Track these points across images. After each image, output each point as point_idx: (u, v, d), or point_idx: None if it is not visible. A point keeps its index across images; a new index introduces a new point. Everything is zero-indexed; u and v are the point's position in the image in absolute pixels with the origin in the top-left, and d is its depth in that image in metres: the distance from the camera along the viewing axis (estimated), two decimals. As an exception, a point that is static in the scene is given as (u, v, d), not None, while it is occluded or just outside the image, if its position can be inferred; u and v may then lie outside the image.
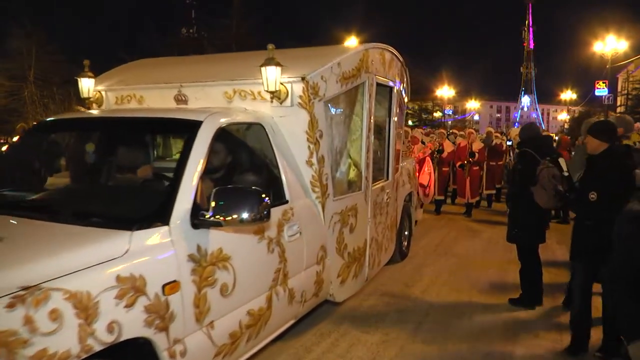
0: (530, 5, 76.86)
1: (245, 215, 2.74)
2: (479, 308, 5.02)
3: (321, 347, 4.09)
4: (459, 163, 10.78)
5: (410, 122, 46.80)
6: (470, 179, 10.65)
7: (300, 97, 3.77)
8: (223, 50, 34.96)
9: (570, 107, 57.47)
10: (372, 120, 4.72)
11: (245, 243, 3.17)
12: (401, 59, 5.67)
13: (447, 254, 7.25)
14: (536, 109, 77.62)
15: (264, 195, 2.82)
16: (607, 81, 38.55)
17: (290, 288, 3.63)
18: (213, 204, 2.76)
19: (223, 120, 3.39)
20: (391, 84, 5.39)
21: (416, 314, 4.78)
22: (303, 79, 3.72)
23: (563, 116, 60.34)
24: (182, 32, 39.23)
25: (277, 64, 3.64)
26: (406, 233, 7.02)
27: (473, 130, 11.51)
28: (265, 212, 2.81)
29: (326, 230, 4.10)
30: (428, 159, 9.46)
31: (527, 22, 78.46)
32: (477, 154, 10.57)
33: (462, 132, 12.68)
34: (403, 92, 6.11)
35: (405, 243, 6.96)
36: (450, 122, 52.94)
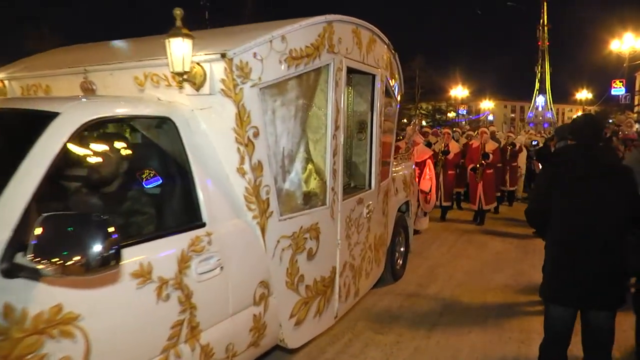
0: (545, 3, 73.94)
1: (80, 257, 1.64)
2: (493, 309, 4.80)
3: (335, 347, 3.92)
4: (470, 166, 9.44)
5: (424, 123, 45.35)
6: (484, 183, 9.26)
7: (223, 81, 2.62)
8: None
9: (585, 106, 55.07)
10: (340, 115, 3.54)
11: (110, 293, 2.04)
12: (387, 41, 4.47)
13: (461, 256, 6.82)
14: (551, 109, 74.69)
15: (111, 229, 1.70)
16: (624, 80, 36.75)
17: (205, 344, 2.50)
18: (36, 233, 1.67)
19: (97, 113, 2.27)
20: (373, 70, 4.20)
21: (430, 315, 4.61)
22: (223, 56, 2.57)
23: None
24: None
25: (186, 36, 2.50)
26: (402, 249, 5.82)
27: (486, 130, 10.03)
28: (112, 252, 1.70)
29: (269, 260, 2.95)
30: (429, 162, 8.15)
31: (542, 20, 75.43)
32: (491, 155, 9.20)
33: (470, 132, 11.34)
34: (394, 84, 4.91)
35: (400, 262, 5.75)
36: (464, 122, 51.17)
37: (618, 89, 39.54)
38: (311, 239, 3.30)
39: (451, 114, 54.39)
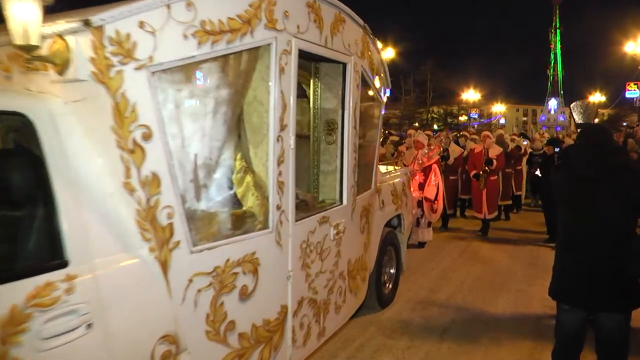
0: (557, 6, 72.15)
1: None
2: (505, 315, 4.68)
3: (346, 352, 3.83)
4: (473, 172, 8.57)
5: (435, 127, 44.24)
6: (488, 190, 8.39)
7: (93, 60, 1.82)
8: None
9: (599, 109, 53.46)
10: (288, 111, 2.71)
11: None
12: (362, 23, 3.63)
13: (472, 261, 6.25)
14: (563, 112, 72.83)
15: None
16: (639, 82, 35.53)
17: None
18: None
19: None
20: (342, 57, 3.37)
21: (442, 320, 4.48)
22: (88, 24, 1.77)
23: (592, 119, 55.78)
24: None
25: (32, -7, 1.71)
26: (391, 271, 4.98)
27: (489, 133, 9.11)
28: None
29: (177, 305, 2.14)
30: (435, 167, 7.27)
31: (554, 23, 73.64)
32: (495, 161, 8.33)
33: (474, 136, 10.44)
34: (375, 76, 4.08)
35: (389, 285, 4.92)
36: (476, 125, 50.02)
37: (632, 91, 38.53)
38: (246, 274, 2.48)
39: (463, 118, 53.29)
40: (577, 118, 5.13)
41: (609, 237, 2.56)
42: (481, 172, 8.35)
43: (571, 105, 5.24)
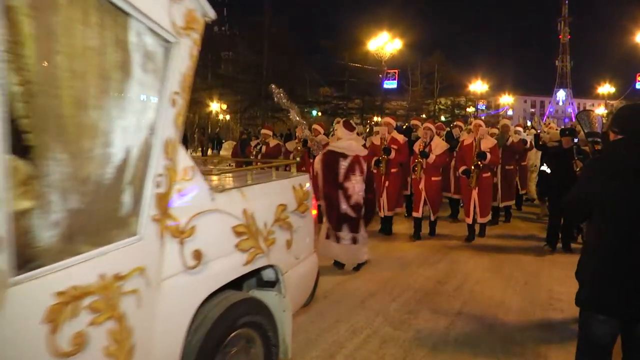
0: (566, -5, 69.16)
1: None
2: (512, 307, 4.52)
3: (353, 343, 3.71)
4: (462, 168, 6.99)
5: (443, 118, 42.41)
6: (480, 189, 6.80)
7: None
8: (256, 47, 32.22)
9: (608, 101, 50.98)
10: None
11: None
12: None
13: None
14: (571, 103, 70.05)
15: None
16: (649, 73, 33.60)
17: None
18: None
19: None
20: None
21: (449, 312, 4.36)
22: None
23: (600, 110, 53.54)
24: (214, 29, 36.99)
25: None
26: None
27: (481, 123, 7.30)
28: None
29: None
30: (361, 159, 5.32)
31: (562, 13, 70.62)
32: (488, 155, 6.71)
33: (470, 127, 8.91)
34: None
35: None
36: (483, 117, 48.05)
37: (643, 82, 36.63)
38: None
39: (470, 109, 51.45)
40: (585, 128, 4.31)
41: None
42: (472, 168, 6.77)
43: (577, 116, 4.59)
